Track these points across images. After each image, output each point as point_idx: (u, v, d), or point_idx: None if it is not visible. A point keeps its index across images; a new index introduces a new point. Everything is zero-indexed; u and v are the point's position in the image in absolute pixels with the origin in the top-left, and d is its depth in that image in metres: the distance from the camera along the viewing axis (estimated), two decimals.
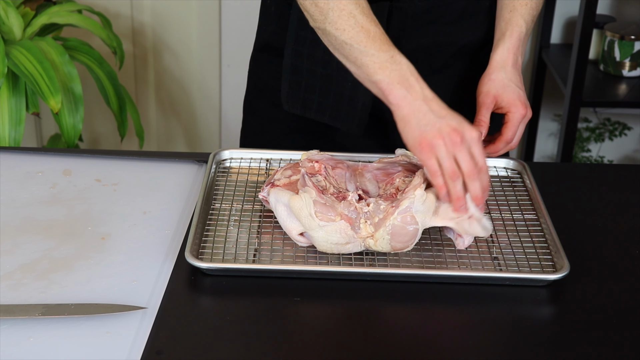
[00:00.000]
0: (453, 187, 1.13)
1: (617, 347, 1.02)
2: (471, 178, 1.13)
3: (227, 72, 2.70)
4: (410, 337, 1.04)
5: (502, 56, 1.28)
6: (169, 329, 1.02)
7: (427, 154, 1.14)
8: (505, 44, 1.29)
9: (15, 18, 2.09)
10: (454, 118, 1.14)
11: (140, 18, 2.62)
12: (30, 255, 1.14)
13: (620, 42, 2.47)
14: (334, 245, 1.12)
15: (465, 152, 1.12)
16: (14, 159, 1.38)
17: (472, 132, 1.13)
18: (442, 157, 1.12)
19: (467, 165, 1.12)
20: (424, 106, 1.15)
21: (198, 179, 1.34)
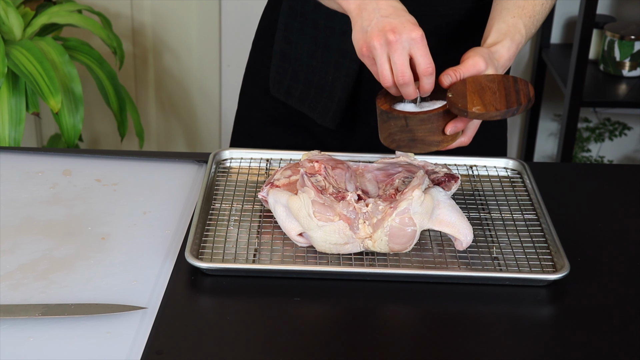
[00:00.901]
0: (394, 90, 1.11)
1: (617, 347, 1.02)
2: (401, 83, 1.09)
3: (227, 72, 2.70)
4: (410, 337, 1.04)
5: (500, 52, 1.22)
6: (169, 329, 1.02)
7: (367, 59, 1.11)
8: (506, 44, 1.22)
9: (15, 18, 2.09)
10: (399, 16, 1.09)
11: (140, 18, 2.62)
12: (30, 255, 1.14)
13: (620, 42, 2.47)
14: (332, 245, 1.12)
15: (400, 53, 1.08)
16: (14, 159, 1.38)
17: (413, 32, 1.08)
18: (377, 58, 1.09)
19: (398, 69, 1.08)
20: (372, 4, 1.10)
21: (198, 179, 1.34)
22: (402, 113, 1.13)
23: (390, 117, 1.13)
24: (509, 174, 1.36)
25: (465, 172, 1.36)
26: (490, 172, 1.36)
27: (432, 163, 1.27)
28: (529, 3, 1.25)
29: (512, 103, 1.10)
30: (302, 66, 1.41)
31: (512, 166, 1.37)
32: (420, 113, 1.12)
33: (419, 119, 1.12)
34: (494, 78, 1.15)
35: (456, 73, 1.14)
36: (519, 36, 1.22)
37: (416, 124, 1.12)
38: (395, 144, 1.15)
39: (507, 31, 1.22)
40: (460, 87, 1.13)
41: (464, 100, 1.10)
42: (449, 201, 1.16)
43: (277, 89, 1.45)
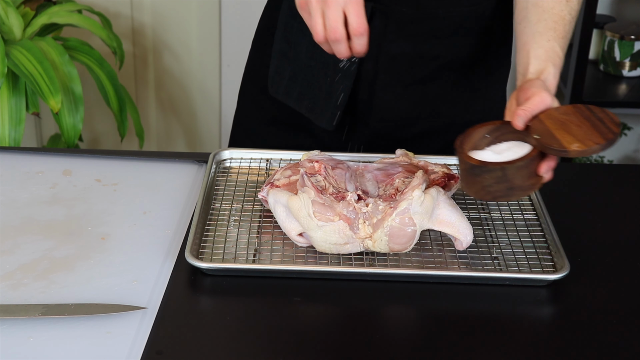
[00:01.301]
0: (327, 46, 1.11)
1: (617, 347, 1.02)
2: (332, 40, 1.10)
3: (227, 72, 2.70)
4: (410, 337, 1.04)
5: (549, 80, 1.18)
6: (169, 329, 1.02)
7: (304, 12, 1.11)
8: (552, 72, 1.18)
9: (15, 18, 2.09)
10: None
11: (140, 18, 2.62)
12: (30, 255, 1.14)
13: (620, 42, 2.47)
14: (332, 245, 1.12)
15: (334, 10, 1.08)
16: (14, 159, 1.38)
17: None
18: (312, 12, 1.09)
19: (330, 24, 1.09)
20: None
21: (198, 179, 1.34)
22: (499, 164, 1.08)
23: (484, 170, 1.08)
24: None
25: None
26: None
27: (432, 163, 1.27)
28: (559, 24, 1.21)
29: (607, 134, 1.07)
30: (300, 66, 1.41)
31: None
32: (516, 161, 1.08)
33: (516, 167, 1.07)
34: (566, 110, 1.11)
35: (527, 112, 1.10)
36: (558, 60, 1.20)
37: (514, 173, 1.08)
38: (490, 195, 1.11)
39: (546, 57, 1.19)
40: (539, 125, 1.09)
41: (554, 139, 1.07)
42: (449, 201, 1.16)
43: (276, 89, 1.45)
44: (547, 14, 1.22)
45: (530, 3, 1.23)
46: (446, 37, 1.36)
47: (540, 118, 1.10)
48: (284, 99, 1.44)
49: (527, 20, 1.22)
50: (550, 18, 1.21)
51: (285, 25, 1.41)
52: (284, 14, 1.41)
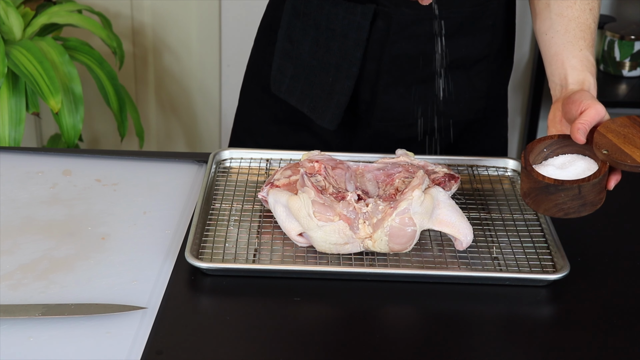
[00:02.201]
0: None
1: (617, 347, 1.02)
2: None
3: (227, 72, 2.70)
4: (410, 337, 1.04)
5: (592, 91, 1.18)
6: (169, 329, 1.02)
7: None
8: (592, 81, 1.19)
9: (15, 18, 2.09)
10: None
11: (140, 18, 2.62)
12: (30, 255, 1.14)
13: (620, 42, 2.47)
14: (332, 245, 1.12)
15: None
16: (14, 159, 1.38)
17: None
18: None
19: None
20: None
21: (198, 179, 1.34)
22: (575, 182, 1.09)
23: (560, 189, 1.09)
24: (509, 174, 1.36)
25: (465, 172, 1.36)
26: (490, 172, 1.36)
27: (432, 163, 1.27)
28: (587, 33, 1.22)
29: None
30: (303, 66, 1.41)
31: (512, 166, 1.37)
32: (591, 178, 1.09)
33: (591, 184, 1.09)
34: (623, 122, 1.12)
35: (586, 125, 1.11)
36: (594, 69, 1.21)
37: (589, 190, 1.09)
38: (562, 212, 1.12)
39: (582, 67, 1.20)
40: (602, 139, 1.10)
41: (624, 154, 1.08)
42: (449, 201, 1.16)
43: (278, 87, 1.45)
44: (574, 23, 1.23)
45: (553, 13, 1.23)
46: (448, 38, 1.36)
47: (600, 131, 1.11)
48: (286, 97, 1.44)
49: (554, 31, 1.23)
50: (578, 27, 1.22)
51: (288, 24, 1.41)
52: (287, 12, 1.41)
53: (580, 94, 1.15)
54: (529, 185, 1.12)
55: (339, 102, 1.38)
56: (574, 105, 1.14)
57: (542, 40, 1.26)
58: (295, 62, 1.41)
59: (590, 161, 1.12)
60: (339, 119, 1.40)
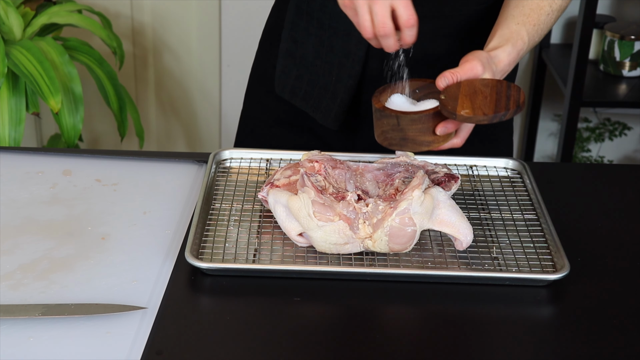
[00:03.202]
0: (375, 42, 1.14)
1: (617, 347, 1.02)
2: (382, 34, 1.11)
3: (227, 72, 2.70)
4: (410, 337, 1.04)
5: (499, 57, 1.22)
6: (169, 329, 1.02)
7: (349, 10, 1.13)
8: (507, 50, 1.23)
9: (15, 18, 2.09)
10: None
11: (140, 18, 2.62)
12: (30, 255, 1.14)
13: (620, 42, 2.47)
14: (332, 245, 1.12)
15: (381, 4, 1.10)
16: (14, 159, 1.38)
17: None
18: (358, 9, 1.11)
19: (378, 20, 1.10)
20: None
21: (198, 179, 1.34)
22: (395, 112, 1.15)
23: (383, 115, 1.16)
24: (509, 174, 1.36)
25: (465, 172, 1.36)
26: (490, 172, 1.36)
27: (432, 163, 1.27)
28: (535, 12, 1.25)
29: (501, 108, 1.12)
30: (306, 66, 1.41)
31: (512, 166, 1.37)
32: (411, 113, 1.15)
33: (410, 118, 1.14)
34: (488, 83, 1.16)
35: (453, 76, 1.15)
36: (520, 43, 1.23)
37: (407, 124, 1.15)
38: (387, 141, 1.18)
39: (509, 37, 1.23)
40: (454, 89, 1.15)
41: (455, 102, 1.12)
42: (449, 201, 1.16)
43: (282, 88, 1.45)
44: (525, 2, 1.26)
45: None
46: (452, 37, 1.36)
47: (462, 83, 1.15)
48: (290, 98, 1.44)
49: (507, 6, 1.28)
50: (527, 5, 1.26)
51: (292, 25, 1.41)
52: (291, 13, 1.41)
53: (473, 53, 1.19)
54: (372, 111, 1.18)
55: (342, 102, 1.38)
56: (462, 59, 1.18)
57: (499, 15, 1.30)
58: (299, 62, 1.41)
59: None
60: (341, 118, 1.40)
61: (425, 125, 1.14)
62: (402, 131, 1.15)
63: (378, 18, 1.11)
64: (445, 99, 1.13)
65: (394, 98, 1.19)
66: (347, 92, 1.37)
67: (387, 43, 1.14)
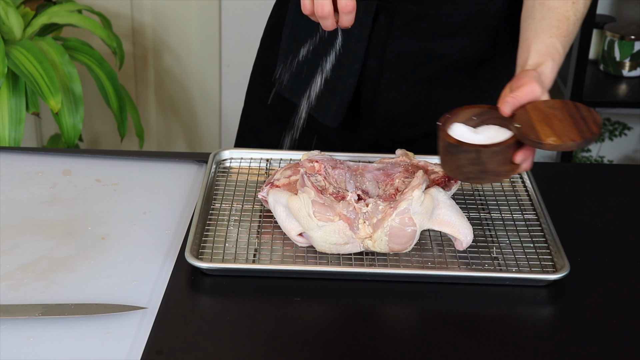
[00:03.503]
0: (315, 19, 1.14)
1: (617, 347, 1.02)
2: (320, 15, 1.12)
3: (227, 72, 2.70)
4: (410, 337, 1.04)
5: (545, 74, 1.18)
6: (169, 329, 1.02)
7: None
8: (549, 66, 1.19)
9: (15, 18, 2.09)
10: None
11: (140, 18, 2.62)
12: (30, 255, 1.14)
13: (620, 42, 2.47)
14: (332, 245, 1.12)
15: None
16: (14, 159, 1.38)
17: None
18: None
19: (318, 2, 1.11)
20: None
21: (198, 179, 1.34)
22: (474, 147, 1.09)
23: (460, 150, 1.09)
24: None
25: None
26: None
27: (432, 163, 1.27)
28: (563, 23, 1.23)
29: (585, 132, 1.07)
30: (307, 63, 1.41)
31: None
32: (492, 145, 1.09)
33: (491, 151, 1.09)
34: (554, 104, 1.12)
35: (515, 100, 1.11)
36: (558, 56, 1.20)
37: (488, 157, 1.09)
38: (463, 176, 1.12)
39: (546, 52, 1.20)
40: (524, 115, 1.10)
41: (534, 130, 1.07)
42: (449, 201, 1.16)
43: (282, 86, 1.45)
44: (551, 13, 1.24)
45: (537, 2, 1.24)
46: (452, 36, 1.36)
47: (527, 108, 1.11)
48: (290, 96, 1.45)
49: (532, 18, 1.25)
50: (555, 17, 1.23)
51: (292, 23, 1.41)
52: (291, 11, 1.41)
53: (525, 73, 1.16)
54: (440, 145, 1.13)
55: (342, 100, 1.38)
56: (515, 81, 1.15)
57: (521, 28, 1.27)
58: (299, 60, 1.42)
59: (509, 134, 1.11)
60: (341, 117, 1.40)
61: (506, 155, 1.10)
62: (482, 164, 1.10)
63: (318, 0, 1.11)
64: (522, 127, 1.08)
65: (455, 128, 1.13)
66: (346, 90, 1.38)
67: (324, 23, 1.14)
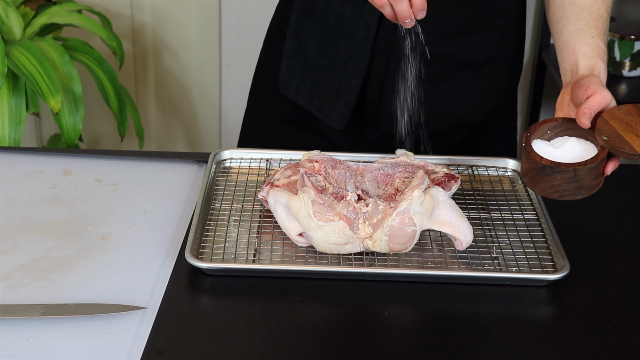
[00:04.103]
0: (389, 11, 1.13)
1: (617, 347, 1.02)
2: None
3: (227, 72, 2.70)
4: (410, 337, 1.04)
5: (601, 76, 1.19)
6: (169, 329, 1.02)
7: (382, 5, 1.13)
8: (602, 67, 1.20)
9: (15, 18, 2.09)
10: None
11: (140, 18, 2.62)
12: (30, 255, 1.14)
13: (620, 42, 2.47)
14: (332, 245, 1.12)
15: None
16: (14, 159, 1.38)
17: None
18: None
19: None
20: None
21: (198, 179, 1.34)
22: (571, 166, 1.10)
23: (556, 170, 1.10)
24: (509, 174, 1.36)
25: (465, 172, 1.36)
26: (490, 172, 1.36)
27: (432, 163, 1.27)
28: (599, 21, 1.23)
29: None
30: (311, 65, 1.41)
31: (512, 166, 1.37)
32: (588, 163, 1.10)
33: (587, 168, 1.10)
34: (628, 110, 1.13)
35: (592, 110, 1.12)
36: (604, 56, 1.21)
37: (585, 174, 1.11)
38: (558, 194, 1.13)
39: (593, 53, 1.20)
40: (605, 125, 1.11)
41: (624, 141, 1.09)
42: (449, 201, 1.16)
43: (286, 87, 1.45)
44: (586, 12, 1.24)
45: (566, 2, 1.24)
46: (457, 36, 1.36)
47: (604, 117, 1.12)
48: (294, 97, 1.44)
49: (566, 19, 1.24)
50: (590, 16, 1.23)
51: (296, 24, 1.41)
52: (295, 12, 1.41)
53: (589, 79, 1.15)
54: (527, 165, 1.13)
55: (347, 101, 1.38)
56: (581, 89, 1.14)
57: (555, 29, 1.27)
58: (303, 61, 1.42)
59: (591, 146, 1.13)
60: (346, 118, 1.40)
61: (599, 170, 1.11)
62: (578, 182, 1.11)
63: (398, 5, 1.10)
64: (611, 139, 1.09)
65: (535, 146, 1.14)
66: (352, 91, 1.38)
67: (400, 7, 1.12)
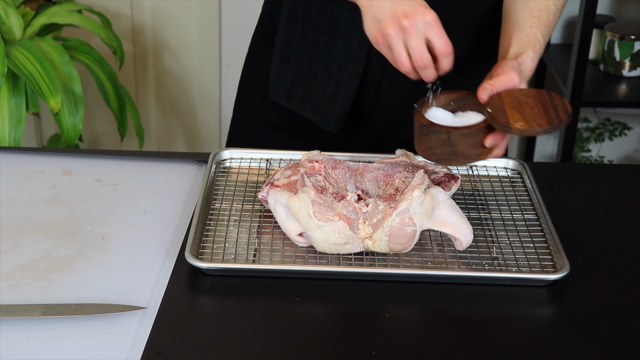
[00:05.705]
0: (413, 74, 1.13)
1: (617, 347, 1.02)
2: (421, 67, 1.11)
3: (227, 72, 2.70)
4: (410, 337, 1.04)
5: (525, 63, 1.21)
6: (169, 329, 1.02)
7: (383, 47, 1.12)
8: (530, 55, 1.22)
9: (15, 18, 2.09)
10: (410, 1, 1.10)
11: (140, 18, 2.62)
12: (30, 255, 1.14)
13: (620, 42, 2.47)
14: (332, 245, 1.12)
15: (416, 38, 1.09)
16: (14, 159, 1.38)
17: (426, 15, 1.09)
18: (393, 46, 1.10)
19: (416, 53, 1.10)
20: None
21: (198, 179, 1.34)
22: (445, 128, 1.13)
23: (431, 131, 1.13)
24: (509, 174, 1.36)
25: (465, 172, 1.36)
26: (490, 172, 1.36)
27: (432, 163, 1.27)
28: (544, 13, 1.25)
29: (554, 119, 1.11)
30: (303, 69, 1.40)
31: (512, 166, 1.37)
32: (462, 128, 1.13)
33: (461, 133, 1.13)
34: (529, 93, 1.15)
35: (493, 87, 1.14)
36: (539, 46, 1.23)
37: (458, 138, 1.13)
38: (434, 157, 1.16)
39: (527, 42, 1.22)
40: (497, 101, 1.14)
41: (505, 115, 1.11)
42: (449, 201, 1.16)
43: (277, 93, 1.44)
44: (532, 3, 1.26)
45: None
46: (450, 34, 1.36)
47: (502, 95, 1.15)
48: (286, 103, 1.43)
49: (513, 8, 1.28)
50: (535, 7, 1.26)
51: (286, 29, 1.40)
52: (284, 17, 1.40)
53: (504, 62, 1.18)
54: (414, 126, 1.16)
55: (344, 104, 1.38)
56: (495, 70, 1.17)
57: (503, 16, 1.29)
58: (294, 66, 1.41)
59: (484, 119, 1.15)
60: (343, 121, 1.39)
61: (475, 139, 1.13)
62: (452, 146, 1.13)
63: (415, 52, 1.10)
64: (494, 112, 1.12)
65: (433, 112, 1.17)
66: (348, 94, 1.37)
67: (426, 74, 1.13)
